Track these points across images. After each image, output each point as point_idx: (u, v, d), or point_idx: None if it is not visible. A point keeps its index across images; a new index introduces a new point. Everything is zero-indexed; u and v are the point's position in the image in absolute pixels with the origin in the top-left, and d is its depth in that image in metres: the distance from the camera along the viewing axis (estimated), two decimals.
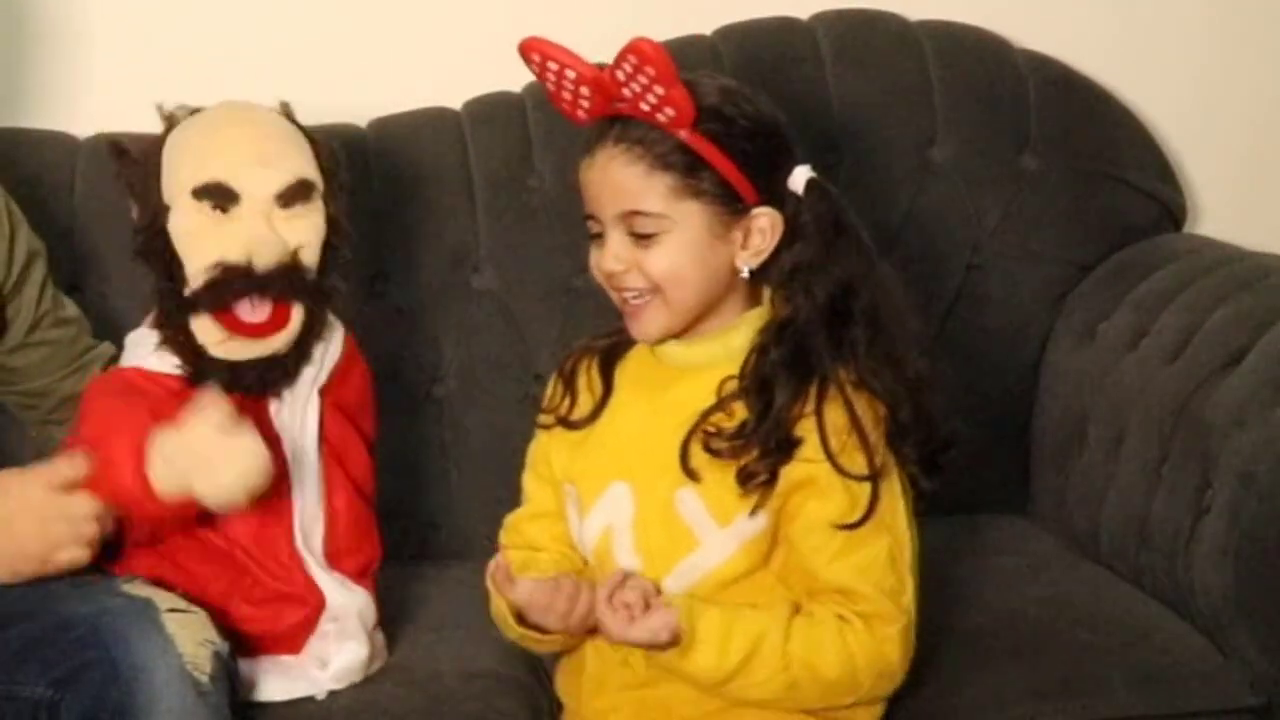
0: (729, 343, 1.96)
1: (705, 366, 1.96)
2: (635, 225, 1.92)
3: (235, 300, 2.00)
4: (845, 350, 1.92)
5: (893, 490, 1.93)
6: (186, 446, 1.88)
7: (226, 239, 2.00)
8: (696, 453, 1.93)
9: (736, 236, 1.93)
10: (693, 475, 1.93)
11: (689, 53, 2.46)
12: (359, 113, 2.57)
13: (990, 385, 2.55)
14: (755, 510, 1.91)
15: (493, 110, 2.58)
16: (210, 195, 2.01)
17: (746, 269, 1.94)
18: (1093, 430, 2.42)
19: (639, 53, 1.86)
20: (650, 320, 1.95)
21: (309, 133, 2.10)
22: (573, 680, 2.04)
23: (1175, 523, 2.20)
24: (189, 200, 2.01)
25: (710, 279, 1.94)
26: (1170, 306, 2.38)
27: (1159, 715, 2.07)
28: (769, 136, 1.94)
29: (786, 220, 1.94)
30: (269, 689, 2.02)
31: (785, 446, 1.90)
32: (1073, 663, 2.10)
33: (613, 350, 2.04)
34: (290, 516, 2.04)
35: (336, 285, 2.08)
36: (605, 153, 1.93)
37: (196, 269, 2.01)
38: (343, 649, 2.05)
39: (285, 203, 2.03)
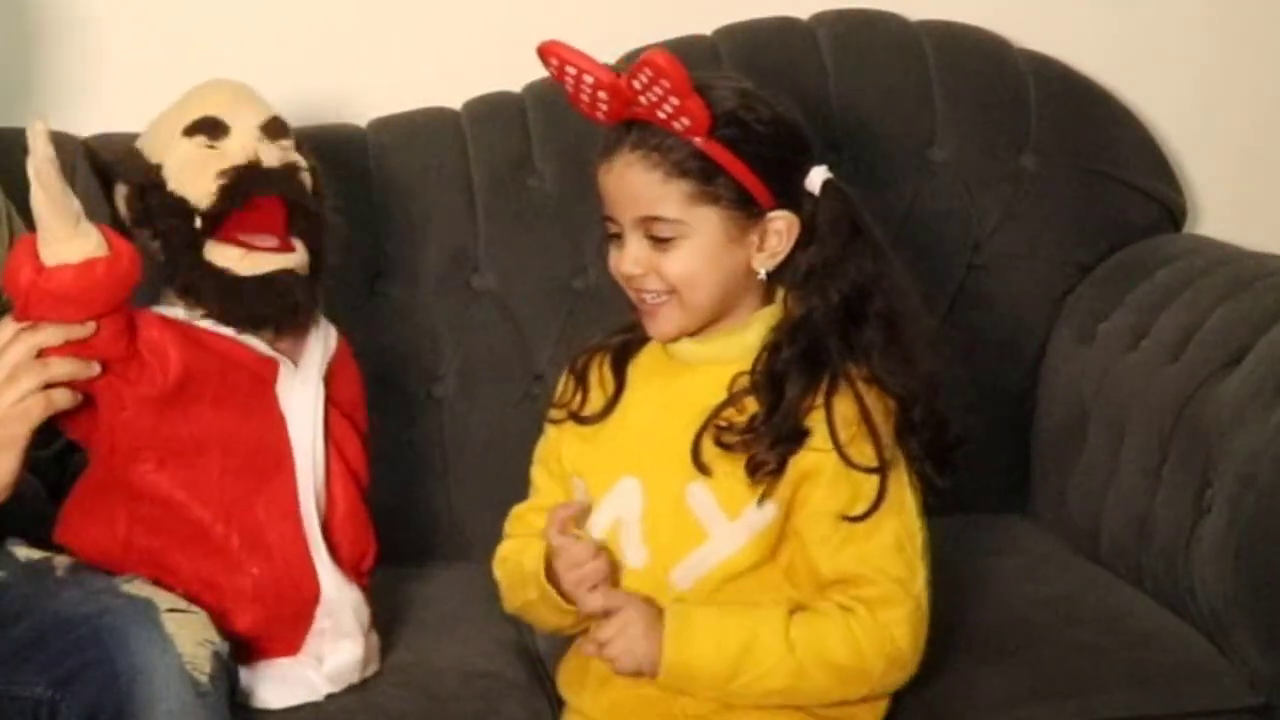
0: (742, 339, 1.98)
1: (717, 362, 1.98)
2: (653, 230, 1.94)
3: (248, 202, 2.01)
4: (859, 349, 1.94)
5: (900, 480, 1.94)
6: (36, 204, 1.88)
7: (227, 158, 2.02)
8: (708, 447, 1.94)
9: (753, 239, 1.95)
10: (704, 469, 1.94)
11: (689, 53, 2.45)
12: (359, 113, 2.58)
13: (990, 385, 2.55)
14: (763, 499, 1.92)
15: (493, 110, 2.58)
16: (201, 129, 2.03)
17: (763, 271, 1.97)
18: (1093, 430, 2.42)
19: (654, 66, 1.88)
20: (666, 319, 1.97)
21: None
22: (576, 677, 2.04)
23: (1175, 523, 2.20)
24: (180, 140, 2.03)
25: (726, 281, 1.96)
26: (1170, 306, 2.38)
27: (1159, 715, 2.07)
28: (786, 139, 1.96)
29: (803, 221, 1.96)
30: (267, 696, 2.01)
31: (794, 436, 1.92)
32: (1073, 663, 2.10)
33: (625, 348, 2.06)
34: (294, 496, 2.04)
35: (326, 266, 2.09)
36: (622, 159, 1.94)
37: (203, 191, 2.01)
38: (337, 647, 2.04)
39: (272, 135, 2.05)
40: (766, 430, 1.92)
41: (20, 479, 1.93)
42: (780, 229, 1.96)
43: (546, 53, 1.96)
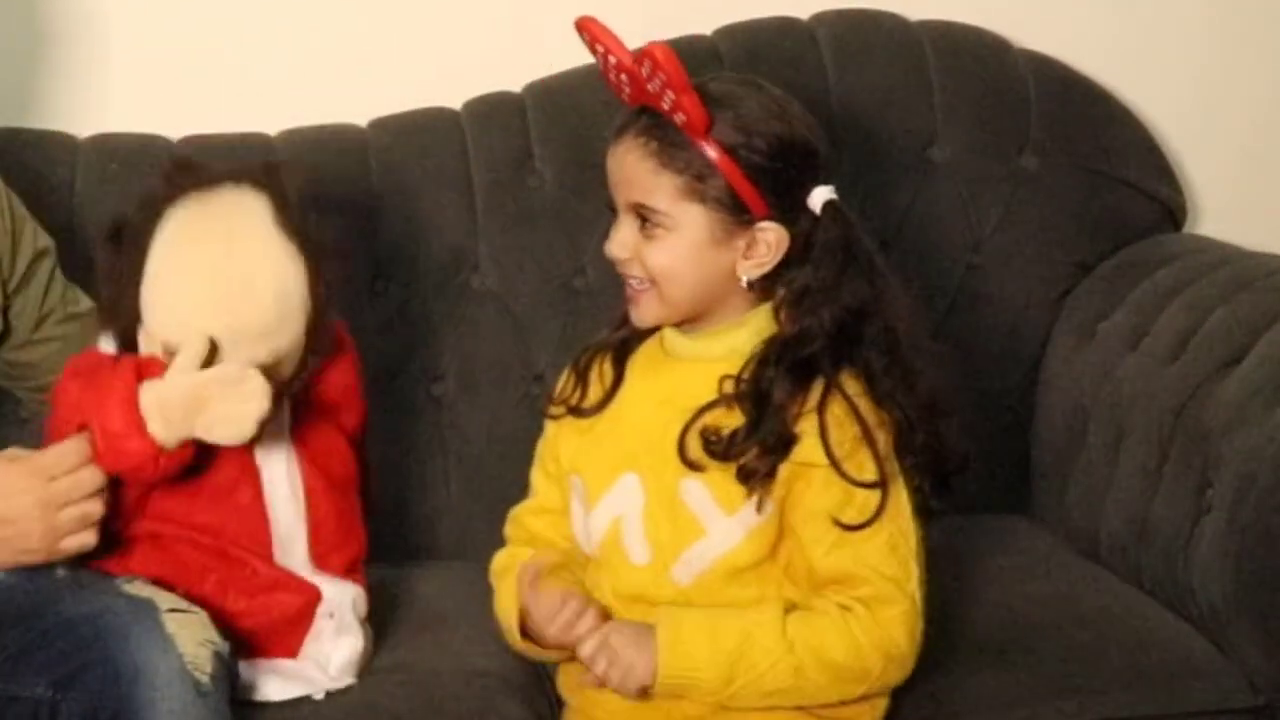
0: (731, 340, 1.98)
1: (707, 360, 1.98)
2: (643, 217, 1.96)
3: None
4: (858, 367, 1.94)
5: (896, 482, 1.94)
6: (179, 391, 1.88)
7: None
8: (695, 445, 1.95)
9: (739, 245, 1.95)
10: (694, 465, 1.95)
11: (690, 53, 2.45)
12: (359, 113, 2.57)
13: (990, 385, 2.55)
14: (760, 505, 1.93)
15: (493, 110, 2.58)
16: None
17: (746, 278, 1.96)
18: (1093, 430, 2.42)
19: (652, 58, 1.90)
20: (645, 307, 1.99)
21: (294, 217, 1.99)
22: (575, 677, 2.04)
23: (1175, 523, 2.20)
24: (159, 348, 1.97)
25: (706, 281, 1.96)
26: (1170, 306, 2.38)
27: (1159, 715, 2.07)
28: (793, 155, 1.95)
29: (797, 238, 1.96)
30: (267, 690, 2.01)
31: (783, 444, 1.92)
32: (1073, 663, 2.10)
33: (625, 344, 2.07)
34: (266, 528, 2.03)
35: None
36: (626, 142, 1.96)
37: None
38: (340, 644, 2.04)
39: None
40: (754, 439, 1.92)
41: None
42: (770, 240, 1.95)
43: (582, 28, 1.99)
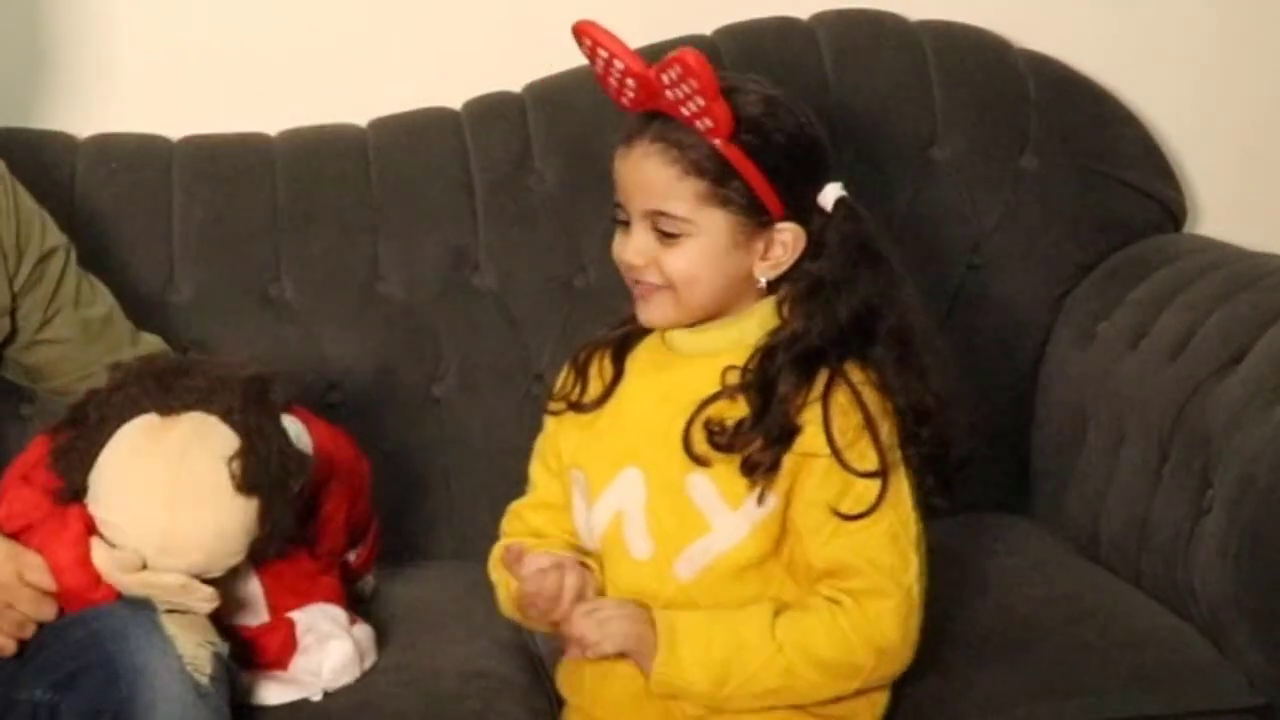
0: (736, 332, 1.98)
1: (711, 353, 1.98)
2: (660, 224, 1.95)
3: None
4: (869, 360, 1.95)
5: (898, 472, 1.95)
6: (124, 581, 1.90)
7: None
8: (700, 439, 1.95)
9: (758, 247, 1.96)
10: (700, 460, 1.95)
11: None
12: (359, 113, 2.58)
13: (990, 385, 2.55)
14: (762, 497, 1.93)
15: (493, 110, 2.58)
16: None
17: (764, 279, 1.97)
18: (1093, 430, 2.42)
19: (684, 64, 1.88)
20: (657, 308, 1.98)
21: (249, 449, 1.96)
22: (575, 676, 2.05)
23: (1175, 523, 2.20)
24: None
25: (725, 284, 1.96)
26: (1170, 306, 2.37)
27: (1159, 715, 2.06)
28: (804, 152, 1.96)
29: (811, 235, 1.96)
30: (266, 693, 2.01)
31: (787, 435, 1.92)
32: (1073, 663, 2.09)
33: (625, 340, 2.06)
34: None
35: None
36: (641, 148, 1.95)
37: None
38: (328, 650, 2.04)
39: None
40: (758, 430, 1.92)
41: None
42: (786, 240, 1.96)
43: (580, 32, 1.97)
